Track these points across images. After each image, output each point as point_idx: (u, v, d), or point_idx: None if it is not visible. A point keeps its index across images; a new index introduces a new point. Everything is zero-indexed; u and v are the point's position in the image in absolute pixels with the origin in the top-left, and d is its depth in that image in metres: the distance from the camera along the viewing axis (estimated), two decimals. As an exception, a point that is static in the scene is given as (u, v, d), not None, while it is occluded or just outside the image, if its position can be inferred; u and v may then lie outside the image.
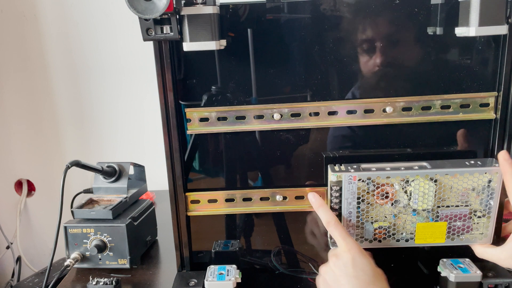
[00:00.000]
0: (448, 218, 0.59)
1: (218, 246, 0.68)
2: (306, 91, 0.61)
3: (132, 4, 0.48)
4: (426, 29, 0.58)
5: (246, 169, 0.65)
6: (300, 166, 0.64)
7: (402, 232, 0.60)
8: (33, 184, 1.25)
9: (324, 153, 0.63)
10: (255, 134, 0.63)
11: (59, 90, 1.19)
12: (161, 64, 0.59)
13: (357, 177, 0.57)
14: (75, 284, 0.71)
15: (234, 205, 0.65)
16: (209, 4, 0.53)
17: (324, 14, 0.58)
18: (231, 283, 0.60)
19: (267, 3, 0.59)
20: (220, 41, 0.55)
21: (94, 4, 1.12)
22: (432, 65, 0.59)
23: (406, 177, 0.58)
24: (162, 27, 0.53)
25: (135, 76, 1.16)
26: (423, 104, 0.60)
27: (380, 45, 0.58)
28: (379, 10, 0.58)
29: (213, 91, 0.61)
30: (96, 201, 0.79)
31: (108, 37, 1.15)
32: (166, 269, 0.75)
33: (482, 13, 0.52)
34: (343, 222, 0.60)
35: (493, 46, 0.58)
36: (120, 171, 0.80)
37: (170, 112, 0.61)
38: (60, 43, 1.16)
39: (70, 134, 1.23)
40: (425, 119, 0.60)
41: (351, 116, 0.61)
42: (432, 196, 0.58)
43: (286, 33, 0.59)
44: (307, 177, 0.64)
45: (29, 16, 1.13)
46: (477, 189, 0.58)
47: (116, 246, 0.72)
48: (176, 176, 0.63)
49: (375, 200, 0.59)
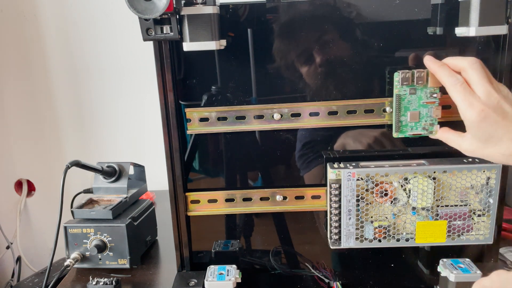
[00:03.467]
0: (448, 217, 0.59)
1: (218, 246, 0.68)
2: (306, 91, 0.61)
3: (132, 4, 0.49)
4: (426, 29, 0.58)
5: (246, 169, 0.65)
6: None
7: (402, 231, 0.60)
8: (33, 184, 1.25)
9: (324, 153, 0.63)
10: (255, 134, 0.63)
11: (59, 90, 1.19)
12: (161, 64, 0.59)
13: (356, 174, 0.58)
14: (75, 284, 0.71)
15: (234, 205, 0.65)
16: (209, 4, 0.53)
17: (324, 14, 0.58)
18: (231, 283, 0.60)
19: (267, 3, 0.59)
20: (220, 41, 0.55)
21: (94, 4, 1.12)
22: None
23: (405, 174, 0.58)
24: (162, 27, 0.53)
25: (135, 76, 1.16)
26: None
27: (378, 45, 0.59)
28: (380, 10, 0.58)
29: (213, 91, 0.61)
30: (96, 201, 0.79)
31: (108, 37, 1.15)
32: (166, 269, 0.75)
33: (482, 13, 0.52)
34: (343, 220, 0.60)
35: (493, 46, 0.58)
36: (120, 171, 0.80)
37: (170, 112, 0.61)
38: (60, 43, 1.16)
39: (70, 134, 1.23)
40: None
41: (351, 116, 0.61)
42: (431, 194, 0.58)
43: (286, 33, 0.59)
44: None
45: (29, 16, 1.13)
46: (475, 187, 0.58)
47: (116, 246, 0.72)
48: (176, 176, 0.63)
49: (374, 198, 0.59)
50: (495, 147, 0.51)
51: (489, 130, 0.50)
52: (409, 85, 0.57)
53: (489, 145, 0.51)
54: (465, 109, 0.51)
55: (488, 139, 0.51)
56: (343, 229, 0.60)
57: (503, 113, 0.50)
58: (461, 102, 0.51)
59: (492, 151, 0.51)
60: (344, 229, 0.60)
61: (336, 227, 0.60)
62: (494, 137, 0.51)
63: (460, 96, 0.51)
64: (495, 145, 0.51)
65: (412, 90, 0.57)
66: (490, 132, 0.50)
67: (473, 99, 0.50)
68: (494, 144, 0.51)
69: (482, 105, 0.50)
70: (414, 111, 0.58)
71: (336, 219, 0.60)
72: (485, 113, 0.50)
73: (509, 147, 0.50)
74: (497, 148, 0.51)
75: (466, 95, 0.51)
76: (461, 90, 0.51)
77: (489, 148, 0.51)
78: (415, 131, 0.59)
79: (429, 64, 0.56)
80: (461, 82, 0.52)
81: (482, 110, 0.50)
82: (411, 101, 0.58)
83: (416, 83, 0.57)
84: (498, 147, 0.51)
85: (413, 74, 0.57)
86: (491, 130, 0.50)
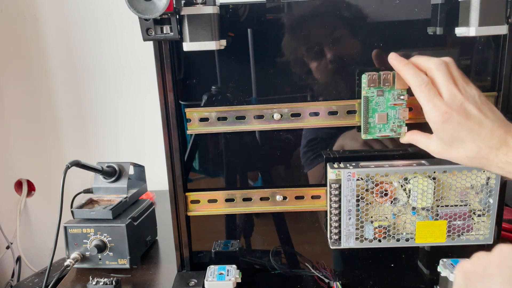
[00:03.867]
0: (448, 217, 0.59)
1: (218, 246, 0.68)
2: (306, 91, 0.61)
3: (132, 4, 0.48)
4: (426, 29, 0.58)
5: (246, 169, 0.65)
6: (300, 166, 0.64)
7: (402, 231, 0.60)
8: (33, 184, 1.25)
9: (324, 153, 0.63)
10: (255, 134, 0.63)
11: (59, 90, 1.19)
12: (161, 64, 0.59)
13: (356, 174, 0.58)
14: (75, 284, 0.71)
15: (234, 205, 0.65)
16: (209, 4, 0.53)
17: (324, 14, 0.58)
18: (231, 283, 0.60)
19: (267, 3, 0.59)
20: (220, 41, 0.55)
21: (94, 4, 1.12)
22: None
23: (405, 174, 0.58)
24: (162, 27, 0.53)
25: (135, 76, 1.16)
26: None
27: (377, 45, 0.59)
28: (380, 10, 0.58)
29: (213, 91, 0.61)
30: (96, 201, 0.79)
31: (108, 37, 1.15)
32: (166, 269, 0.75)
33: (482, 13, 0.52)
34: (343, 220, 0.60)
35: (493, 46, 0.58)
36: (120, 171, 0.80)
37: (170, 112, 0.61)
38: (60, 43, 1.16)
39: (70, 134, 1.23)
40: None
41: (351, 116, 0.61)
42: (431, 194, 0.58)
43: (286, 33, 0.59)
44: (307, 177, 0.64)
45: (29, 16, 1.13)
46: (475, 187, 0.58)
47: (116, 246, 0.72)
48: (176, 176, 0.63)
49: (374, 198, 0.59)
50: (460, 149, 0.50)
51: (453, 132, 0.50)
52: (376, 87, 0.57)
53: (454, 147, 0.51)
54: (429, 110, 0.50)
55: (452, 141, 0.50)
56: (343, 229, 0.60)
57: (466, 115, 0.49)
58: (426, 103, 0.51)
59: (457, 154, 0.51)
60: (344, 229, 0.60)
61: (336, 227, 0.60)
62: (458, 139, 0.50)
63: (425, 97, 0.51)
64: (460, 147, 0.50)
65: (379, 92, 0.57)
66: (454, 134, 0.50)
67: (437, 100, 0.50)
68: (459, 146, 0.50)
69: (446, 106, 0.49)
70: (382, 113, 0.58)
71: (336, 219, 0.60)
72: (448, 114, 0.49)
73: (473, 149, 0.50)
74: (461, 150, 0.50)
75: (430, 96, 0.50)
76: (426, 91, 0.50)
77: (454, 150, 0.51)
78: (383, 133, 0.59)
79: (393, 63, 0.55)
80: (426, 83, 0.51)
81: (446, 112, 0.49)
82: (379, 103, 0.58)
83: (383, 84, 0.57)
84: (463, 149, 0.50)
85: (379, 76, 0.57)
86: (454, 132, 0.50)
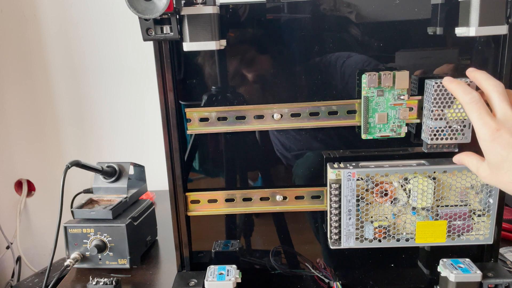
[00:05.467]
0: (448, 217, 0.59)
1: (218, 246, 0.68)
2: (306, 91, 0.61)
3: (132, 4, 0.48)
4: (426, 29, 0.58)
5: (246, 169, 0.65)
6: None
7: (402, 231, 0.60)
8: (33, 184, 1.25)
9: (324, 153, 0.63)
10: (255, 134, 0.63)
11: (59, 90, 1.19)
12: (161, 64, 0.59)
13: (356, 174, 0.58)
14: (75, 284, 0.71)
15: (234, 205, 0.65)
16: (209, 4, 0.53)
17: (324, 14, 0.58)
18: (231, 283, 0.60)
19: (267, 3, 0.59)
20: (220, 41, 0.55)
21: (94, 3, 1.12)
22: (432, 65, 0.59)
23: (405, 174, 0.58)
24: (162, 27, 0.53)
25: (135, 76, 1.16)
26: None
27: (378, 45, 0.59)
28: (380, 10, 0.58)
29: (213, 91, 0.61)
30: (96, 201, 0.79)
31: (108, 37, 1.15)
32: (166, 269, 0.75)
33: (482, 13, 0.52)
34: (343, 220, 0.60)
35: (493, 46, 0.58)
36: (120, 171, 0.80)
37: (170, 112, 0.61)
38: (60, 43, 1.16)
39: (70, 134, 1.23)
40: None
41: (351, 116, 0.61)
42: (431, 194, 0.58)
43: (286, 33, 0.59)
44: (307, 177, 0.64)
45: (29, 16, 1.13)
46: (475, 187, 0.58)
47: (116, 246, 0.72)
48: (176, 176, 0.63)
49: (374, 198, 0.59)
50: (509, 172, 0.47)
51: (502, 152, 0.47)
52: (376, 87, 0.57)
53: (502, 170, 0.48)
54: (479, 127, 0.49)
55: (501, 163, 0.48)
56: (343, 229, 0.60)
57: None
58: (476, 120, 0.49)
59: (506, 177, 0.48)
60: (344, 229, 0.60)
61: (336, 227, 0.60)
62: (506, 161, 0.47)
63: (476, 114, 0.49)
64: (509, 170, 0.47)
65: (379, 92, 0.57)
66: (503, 154, 0.47)
67: (488, 118, 0.48)
68: (508, 168, 0.48)
69: (497, 124, 0.48)
70: (382, 113, 0.58)
71: (336, 219, 0.60)
72: (499, 133, 0.47)
73: None
74: (510, 173, 0.47)
75: (481, 114, 0.49)
76: (476, 108, 0.49)
77: (502, 173, 0.48)
78: (383, 133, 0.59)
79: (447, 85, 0.54)
80: (477, 100, 0.50)
81: (497, 129, 0.48)
82: (379, 103, 0.58)
83: (383, 84, 0.57)
84: (510, 173, 0.47)
85: (379, 76, 0.57)
86: (503, 151, 0.47)
